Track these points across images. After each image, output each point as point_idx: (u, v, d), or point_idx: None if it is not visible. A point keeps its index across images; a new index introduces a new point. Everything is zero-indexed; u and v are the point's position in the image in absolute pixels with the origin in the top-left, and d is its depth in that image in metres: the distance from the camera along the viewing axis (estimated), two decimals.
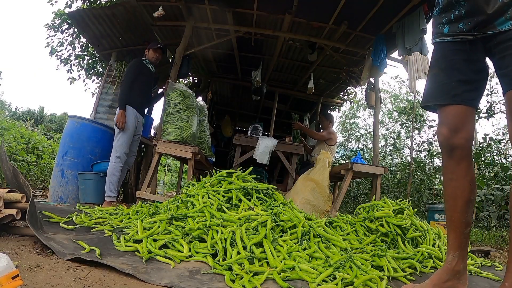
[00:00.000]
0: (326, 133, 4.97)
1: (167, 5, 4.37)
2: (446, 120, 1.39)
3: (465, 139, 1.35)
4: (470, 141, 1.39)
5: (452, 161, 1.38)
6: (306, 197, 3.66)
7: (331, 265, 1.62)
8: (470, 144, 1.39)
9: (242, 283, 1.43)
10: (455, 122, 1.36)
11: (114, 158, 3.52)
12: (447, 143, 1.37)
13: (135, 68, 3.74)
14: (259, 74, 5.70)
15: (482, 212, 4.27)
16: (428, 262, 1.97)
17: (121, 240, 1.84)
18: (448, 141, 1.37)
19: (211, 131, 4.86)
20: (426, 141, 7.34)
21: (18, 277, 1.05)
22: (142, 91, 3.79)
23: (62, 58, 6.76)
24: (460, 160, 1.36)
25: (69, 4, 5.84)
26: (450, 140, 1.36)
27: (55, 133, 12.40)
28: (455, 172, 1.37)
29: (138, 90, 3.72)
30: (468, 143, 1.37)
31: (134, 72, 3.71)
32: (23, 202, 1.85)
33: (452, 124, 1.36)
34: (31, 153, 6.44)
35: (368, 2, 3.92)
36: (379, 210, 2.28)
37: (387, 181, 6.86)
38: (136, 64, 3.78)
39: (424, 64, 4.51)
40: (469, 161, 1.38)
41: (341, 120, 14.81)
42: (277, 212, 2.04)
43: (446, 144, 1.38)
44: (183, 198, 2.32)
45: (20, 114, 20.18)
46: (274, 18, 4.52)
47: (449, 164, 1.39)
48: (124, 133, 3.55)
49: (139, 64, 3.80)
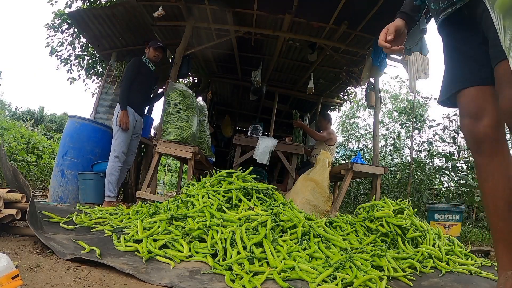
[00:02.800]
0: (326, 134, 4.98)
1: (167, 5, 4.36)
2: (463, 110, 1.20)
3: (490, 127, 1.13)
4: (498, 128, 1.15)
5: (482, 157, 1.16)
6: (306, 197, 3.66)
7: (331, 265, 1.61)
8: (500, 132, 1.15)
9: (242, 283, 1.43)
10: (473, 107, 1.16)
11: (112, 158, 3.50)
12: (471, 136, 1.18)
13: (133, 67, 3.70)
14: (259, 74, 5.70)
15: (482, 212, 4.27)
16: (428, 262, 1.97)
17: (121, 240, 1.84)
18: (472, 132, 1.16)
19: (211, 131, 4.86)
20: (426, 141, 7.34)
21: (18, 277, 1.05)
22: (141, 90, 3.76)
23: (62, 58, 6.76)
24: (492, 154, 1.14)
25: (69, 4, 5.84)
26: (474, 131, 1.16)
27: (55, 133, 12.40)
28: (489, 170, 1.14)
29: (137, 89, 3.68)
30: (495, 132, 1.14)
31: (133, 71, 3.68)
32: (23, 202, 1.85)
33: (470, 111, 1.17)
34: (31, 153, 6.43)
35: (368, 2, 3.92)
36: (379, 210, 2.28)
37: (387, 181, 6.85)
38: (135, 62, 3.75)
39: (424, 64, 4.51)
40: (504, 153, 1.14)
41: (341, 120, 14.81)
42: (277, 212, 2.04)
43: (470, 138, 1.18)
44: (183, 198, 2.32)
45: (20, 114, 20.17)
46: (274, 18, 4.52)
47: (480, 162, 1.17)
48: (123, 133, 3.53)
49: (138, 62, 3.77)
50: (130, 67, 3.72)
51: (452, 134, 6.48)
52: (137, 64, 3.74)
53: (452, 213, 3.51)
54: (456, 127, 6.37)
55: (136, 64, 3.73)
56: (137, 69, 3.71)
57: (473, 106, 1.17)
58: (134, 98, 3.65)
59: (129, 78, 3.63)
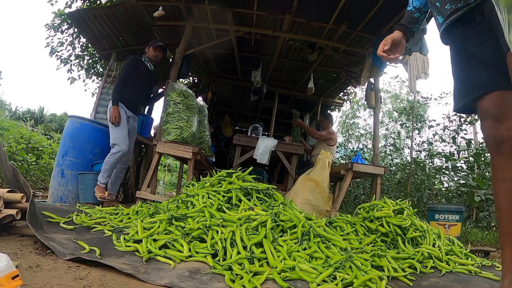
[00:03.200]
0: (326, 133, 4.97)
1: (167, 5, 4.36)
2: (486, 112, 1.23)
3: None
4: None
5: (501, 157, 1.18)
6: (306, 197, 3.66)
7: (331, 265, 1.61)
8: None
9: (242, 283, 1.43)
10: (496, 110, 1.20)
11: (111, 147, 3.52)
12: (493, 137, 1.21)
13: (130, 64, 3.70)
14: (259, 74, 5.70)
15: (482, 212, 4.27)
16: (428, 262, 1.97)
17: (121, 240, 1.84)
18: (493, 134, 1.20)
19: (211, 131, 4.86)
20: (426, 141, 7.34)
21: (18, 277, 1.05)
22: (137, 88, 3.73)
23: (62, 58, 6.77)
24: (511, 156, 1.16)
25: (69, 4, 5.85)
26: (496, 132, 1.19)
27: (55, 133, 12.40)
28: (507, 171, 1.17)
29: (132, 87, 3.66)
30: None
31: (129, 68, 3.68)
32: (23, 202, 1.85)
33: (493, 113, 1.20)
34: (31, 153, 6.44)
35: (368, 2, 3.92)
36: (379, 210, 2.28)
37: (387, 181, 6.86)
38: (133, 60, 3.74)
39: (424, 64, 4.52)
40: None
41: (341, 120, 14.80)
42: (277, 212, 2.04)
43: (492, 139, 1.21)
44: (183, 198, 2.32)
45: (20, 114, 20.18)
46: (274, 18, 4.52)
47: (498, 162, 1.19)
48: (117, 127, 3.50)
49: (136, 60, 3.76)
50: (126, 64, 3.72)
51: (452, 134, 6.48)
52: (134, 62, 3.74)
53: (452, 213, 3.51)
54: (456, 127, 6.37)
55: (133, 62, 3.73)
56: (133, 67, 3.71)
57: (496, 109, 1.20)
58: (128, 95, 3.63)
59: (124, 75, 3.63)
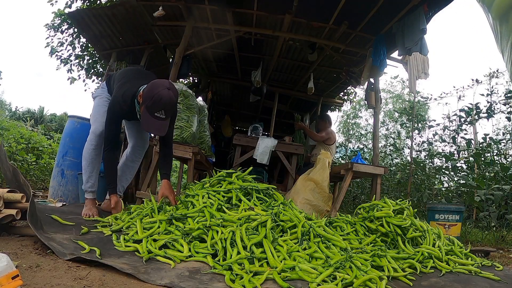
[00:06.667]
0: (324, 134, 4.98)
1: (167, 5, 4.36)
2: None
3: None
4: None
5: None
6: (306, 197, 3.66)
7: (331, 265, 1.61)
8: None
9: (242, 283, 1.43)
10: None
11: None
12: None
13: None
14: (259, 74, 5.70)
15: (482, 212, 4.27)
16: (428, 262, 1.97)
17: (121, 240, 1.84)
18: None
19: (211, 131, 4.86)
20: (426, 141, 7.34)
21: (18, 277, 1.05)
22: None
23: (62, 58, 6.77)
24: None
25: (69, 4, 5.85)
26: None
27: (55, 133, 12.38)
28: None
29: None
30: None
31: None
32: (23, 202, 1.85)
33: None
34: (31, 153, 6.43)
35: (368, 2, 3.92)
36: (379, 210, 2.28)
37: (387, 181, 6.85)
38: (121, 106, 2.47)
39: (424, 64, 4.51)
40: None
41: (342, 120, 14.80)
42: (277, 212, 2.04)
43: None
44: (182, 198, 2.33)
45: (20, 114, 20.18)
46: (274, 18, 4.52)
47: None
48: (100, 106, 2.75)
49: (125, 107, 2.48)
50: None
51: (452, 134, 6.48)
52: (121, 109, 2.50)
53: (452, 213, 3.50)
54: (456, 127, 6.37)
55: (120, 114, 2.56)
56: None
57: None
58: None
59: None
